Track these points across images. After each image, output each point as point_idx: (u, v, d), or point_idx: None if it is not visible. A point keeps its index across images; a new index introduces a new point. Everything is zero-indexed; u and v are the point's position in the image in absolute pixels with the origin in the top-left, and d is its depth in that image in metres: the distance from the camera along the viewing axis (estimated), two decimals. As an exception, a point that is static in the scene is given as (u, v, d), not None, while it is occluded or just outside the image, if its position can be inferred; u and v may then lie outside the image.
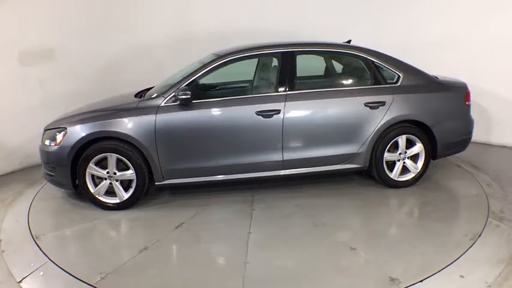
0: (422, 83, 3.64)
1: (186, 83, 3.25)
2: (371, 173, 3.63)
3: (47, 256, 2.58)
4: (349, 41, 4.08)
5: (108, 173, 3.21)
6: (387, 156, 3.55)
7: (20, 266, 2.52)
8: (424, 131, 3.58)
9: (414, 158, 3.64)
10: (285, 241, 2.78)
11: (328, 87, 3.59)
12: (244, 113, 3.26)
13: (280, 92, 3.36)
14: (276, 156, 3.37)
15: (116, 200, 3.27)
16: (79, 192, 3.32)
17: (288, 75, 3.39)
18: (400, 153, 3.58)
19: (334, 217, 3.10)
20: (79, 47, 4.70)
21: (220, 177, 3.37)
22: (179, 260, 2.61)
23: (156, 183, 3.31)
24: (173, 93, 3.20)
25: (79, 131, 3.13)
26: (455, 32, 4.81)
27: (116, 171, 3.21)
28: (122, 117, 3.17)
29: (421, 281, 2.22)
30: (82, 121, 3.18)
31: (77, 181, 3.22)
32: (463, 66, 4.61)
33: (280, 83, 3.39)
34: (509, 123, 4.76)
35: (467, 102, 3.73)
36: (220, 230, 2.97)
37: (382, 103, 3.44)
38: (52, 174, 3.27)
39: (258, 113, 3.25)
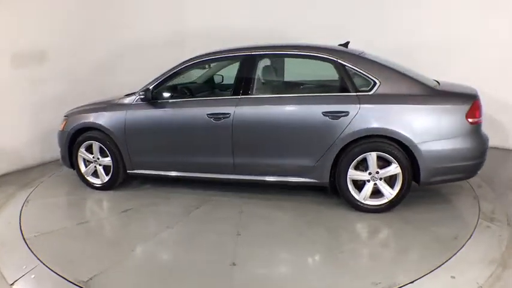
0: (407, 92, 3.04)
1: (153, 85, 3.57)
2: None
3: (38, 259, 2.60)
4: (347, 43, 3.70)
5: (94, 157, 3.82)
6: (354, 174, 3.12)
7: (11, 268, 2.53)
8: (405, 150, 3.00)
9: (393, 180, 3.09)
10: (191, 242, 2.83)
11: (286, 92, 3.36)
12: (196, 114, 3.39)
13: (232, 96, 3.35)
14: (227, 160, 3.38)
15: (99, 182, 3.87)
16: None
17: (244, 80, 3.35)
18: (370, 173, 3.09)
19: (264, 230, 2.95)
20: (72, 48, 4.76)
21: (176, 173, 3.60)
22: (94, 235, 3.01)
23: (127, 171, 3.76)
24: (138, 93, 3.58)
25: (73, 121, 3.82)
26: (462, 34, 4.60)
27: (100, 157, 3.80)
28: (103, 112, 3.72)
29: (412, 282, 2.20)
30: (77, 113, 3.87)
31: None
32: (468, 69, 4.44)
33: (235, 87, 3.38)
34: (501, 124, 4.65)
35: (469, 119, 2.93)
36: (150, 220, 3.22)
37: (345, 113, 3.04)
38: (61, 154, 4.07)
39: (209, 115, 3.33)
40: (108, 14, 5.13)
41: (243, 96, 3.31)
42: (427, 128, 2.96)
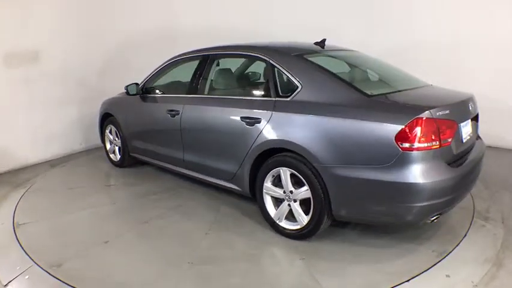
0: (329, 100, 2.48)
1: (143, 82, 4.04)
2: None
3: (32, 260, 2.59)
4: (323, 40, 3.24)
5: (113, 139, 4.65)
6: (269, 189, 2.80)
7: (5, 269, 2.52)
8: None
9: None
10: (106, 219, 3.20)
11: (219, 94, 3.22)
12: (161, 110, 3.68)
13: (184, 94, 3.49)
14: (179, 154, 3.56)
15: (115, 159, 4.69)
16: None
17: (195, 79, 3.41)
18: (284, 192, 2.70)
19: (170, 225, 3.03)
20: (66, 48, 4.81)
21: (151, 160, 4.02)
22: (64, 198, 3.69)
23: (130, 154, 4.41)
24: None
25: (102, 107, 4.71)
26: (462, 34, 4.61)
27: (116, 139, 4.59)
28: (117, 102, 4.46)
29: (407, 280, 2.23)
30: (107, 100, 4.72)
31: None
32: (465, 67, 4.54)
33: (188, 86, 3.48)
34: (493, 123, 4.34)
35: (401, 144, 2.15)
36: (113, 195, 3.76)
37: (257, 120, 2.74)
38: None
39: (168, 111, 3.57)
40: (100, 15, 5.19)
41: (189, 95, 3.40)
42: (341, 148, 2.35)
